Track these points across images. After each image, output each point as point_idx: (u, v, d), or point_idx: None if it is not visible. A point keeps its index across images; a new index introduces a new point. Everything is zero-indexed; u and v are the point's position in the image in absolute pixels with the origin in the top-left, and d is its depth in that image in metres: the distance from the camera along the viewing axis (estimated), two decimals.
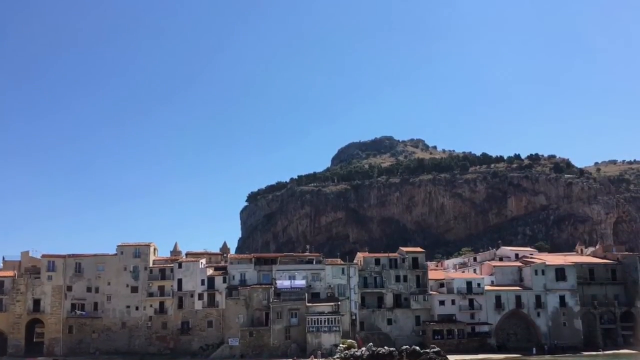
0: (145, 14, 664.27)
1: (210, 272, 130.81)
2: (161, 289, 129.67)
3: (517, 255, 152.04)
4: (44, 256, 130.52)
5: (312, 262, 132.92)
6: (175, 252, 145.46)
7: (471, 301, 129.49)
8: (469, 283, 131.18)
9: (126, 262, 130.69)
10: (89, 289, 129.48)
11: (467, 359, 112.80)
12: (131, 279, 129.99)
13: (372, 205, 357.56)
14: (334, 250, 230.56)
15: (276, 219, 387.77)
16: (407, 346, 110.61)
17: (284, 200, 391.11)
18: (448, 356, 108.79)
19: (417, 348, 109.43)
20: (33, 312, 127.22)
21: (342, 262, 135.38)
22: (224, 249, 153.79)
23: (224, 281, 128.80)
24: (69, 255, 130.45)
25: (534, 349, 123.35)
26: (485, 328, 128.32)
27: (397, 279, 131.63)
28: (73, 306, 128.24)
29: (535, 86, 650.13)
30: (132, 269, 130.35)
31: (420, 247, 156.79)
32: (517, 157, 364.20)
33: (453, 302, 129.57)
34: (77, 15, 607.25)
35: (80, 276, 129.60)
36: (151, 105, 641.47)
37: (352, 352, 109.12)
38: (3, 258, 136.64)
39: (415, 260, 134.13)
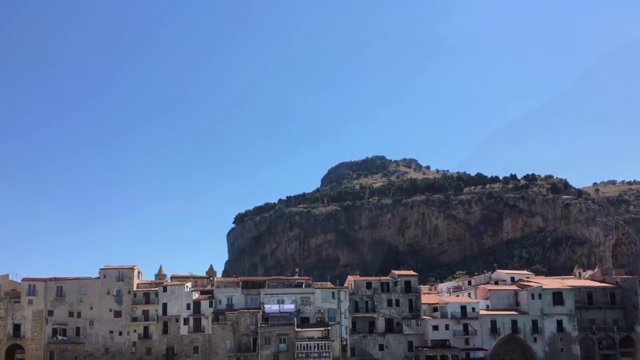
0: (130, 33, 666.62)
1: (196, 296, 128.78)
2: (145, 313, 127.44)
3: (513, 278, 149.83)
4: (24, 280, 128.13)
5: (301, 286, 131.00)
6: (160, 275, 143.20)
7: (465, 326, 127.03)
8: (463, 307, 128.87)
9: (109, 285, 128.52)
10: (70, 314, 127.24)
11: None
12: (114, 303, 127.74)
13: (363, 227, 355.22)
14: (324, 274, 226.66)
15: (264, 241, 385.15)
16: None
17: (273, 222, 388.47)
18: None
19: None
20: (13, 338, 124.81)
21: (333, 286, 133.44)
22: (211, 272, 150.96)
23: (210, 305, 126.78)
24: (50, 279, 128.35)
25: None
26: (480, 354, 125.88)
27: (389, 303, 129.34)
28: (54, 331, 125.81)
29: (532, 105, 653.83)
30: (115, 293, 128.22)
31: (413, 270, 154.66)
32: (513, 177, 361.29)
33: (447, 327, 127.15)
34: (61, 33, 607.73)
35: (62, 300, 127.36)
36: (136, 124, 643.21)
37: None
38: None
39: (407, 283, 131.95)
